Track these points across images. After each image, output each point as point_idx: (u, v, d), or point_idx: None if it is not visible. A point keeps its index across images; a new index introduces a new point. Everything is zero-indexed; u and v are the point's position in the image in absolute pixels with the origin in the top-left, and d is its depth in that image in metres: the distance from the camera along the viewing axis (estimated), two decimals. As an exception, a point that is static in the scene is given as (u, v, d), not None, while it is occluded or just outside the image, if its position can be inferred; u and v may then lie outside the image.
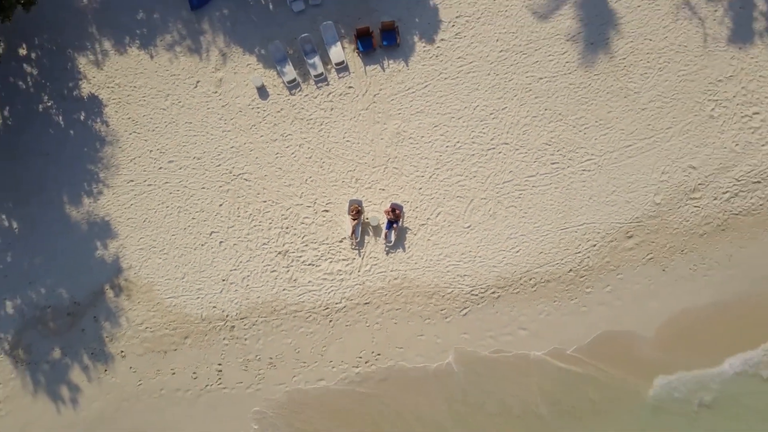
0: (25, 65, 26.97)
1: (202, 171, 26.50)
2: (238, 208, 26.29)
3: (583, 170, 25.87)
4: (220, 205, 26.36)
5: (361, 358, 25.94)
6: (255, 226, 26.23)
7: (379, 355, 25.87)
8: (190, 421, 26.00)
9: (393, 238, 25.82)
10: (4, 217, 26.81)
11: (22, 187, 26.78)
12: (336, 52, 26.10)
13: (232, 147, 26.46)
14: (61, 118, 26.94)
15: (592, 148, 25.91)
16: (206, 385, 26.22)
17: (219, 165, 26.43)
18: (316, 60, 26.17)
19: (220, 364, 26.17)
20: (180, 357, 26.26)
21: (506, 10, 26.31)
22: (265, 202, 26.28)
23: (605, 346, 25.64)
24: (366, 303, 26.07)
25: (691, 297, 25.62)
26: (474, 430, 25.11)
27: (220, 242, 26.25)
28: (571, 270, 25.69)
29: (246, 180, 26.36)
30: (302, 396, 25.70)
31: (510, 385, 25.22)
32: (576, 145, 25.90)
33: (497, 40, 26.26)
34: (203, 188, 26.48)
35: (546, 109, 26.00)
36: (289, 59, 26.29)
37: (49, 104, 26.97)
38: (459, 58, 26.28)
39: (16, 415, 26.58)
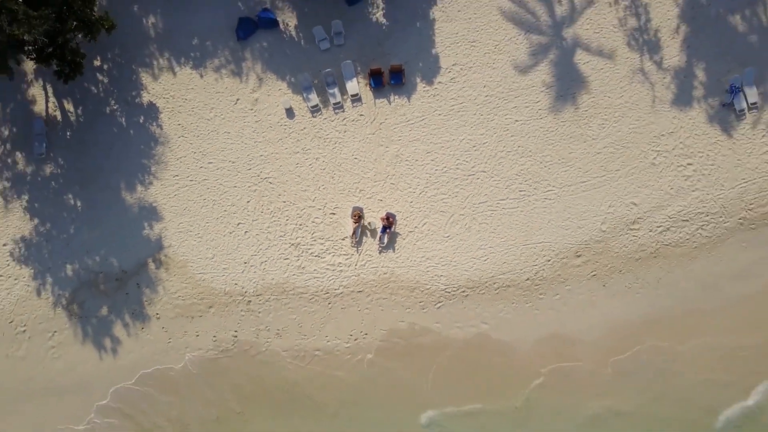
0: (98, 74, 32.92)
1: (235, 173, 32.42)
2: (262, 205, 32.19)
3: (545, 198, 31.73)
4: (248, 201, 32.26)
5: (351, 335, 31.83)
6: (274, 221, 32.14)
7: (366, 334, 31.76)
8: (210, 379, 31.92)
9: (386, 240, 31.68)
10: (71, 196, 32.75)
11: (87, 174, 32.71)
12: (352, 86, 32.04)
13: (261, 155, 32.37)
14: (123, 119, 32.89)
15: (554, 181, 31.77)
16: (223, 349, 32.11)
17: (249, 169, 32.33)
18: (336, 91, 32.09)
19: (236, 331, 32.06)
20: (204, 323, 32.15)
21: (493, 63, 32.17)
22: (284, 202, 32.18)
23: (552, 344, 31.54)
24: (359, 291, 31.96)
25: (625, 309, 31.49)
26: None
27: (245, 231, 32.15)
28: (528, 279, 31.55)
29: (270, 183, 32.26)
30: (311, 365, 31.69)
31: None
32: (541, 177, 31.76)
33: (484, 87, 32.13)
34: (235, 187, 32.39)
35: (519, 146, 31.88)
36: (313, 88, 32.22)
37: (115, 107, 32.92)
38: (452, 99, 32.18)
39: (67, 358, 32.52)
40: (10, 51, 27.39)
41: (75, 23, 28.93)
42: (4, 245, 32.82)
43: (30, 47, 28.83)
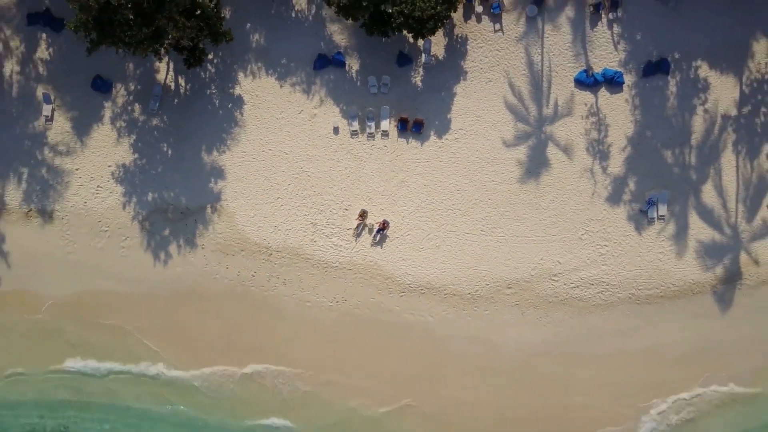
0: (209, 65, 45.03)
1: (285, 162, 44.48)
2: (298, 190, 44.23)
3: (497, 241, 43.66)
4: (289, 184, 44.30)
5: (335, 298, 43.85)
6: (304, 203, 44.16)
7: (345, 300, 43.79)
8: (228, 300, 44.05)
9: (378, 239, 43.66)
10: (165, 145, 44.93)
11: (182, 133, 44.83)
12: (384, 124, 44.10)
13: (307, 154, 44.43)
14: (217, 102, 45.03)
15: (507, 230, 43.67)
16: (242, 282, 44.18)
17: (296, 162, 44.38)
18: (372, 124, 44.14)
19: (255, 273, 44.10)
20: (234, 260, 44.22)
21: (488, 135, 44.07)
22: (314, 192, 44.20)
23: (476, 344, 43.36)
24: (349, 269, 43.95)
25: (533, 335, 43.33)
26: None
27: (281, 205, 44.21)
28: (469, 293, 43.51)
29: (308, 176, 44.29)
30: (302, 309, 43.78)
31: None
32: (498, 225, 43.69)
33: (477, 150, 44.06)
34: (282, 171, 44.44)
35: (489, 199, 43.84)
36: (357, 118, 44.25)
37: (214, 92, 45.07)
38: (452, 152, 44.15)
39: (131, 258, 44.69)
40: (159, 42, 39.53)
41: (208, 33, 41.12)
42: (109, 166, 45.03)
43: (172, 42, 40.89)
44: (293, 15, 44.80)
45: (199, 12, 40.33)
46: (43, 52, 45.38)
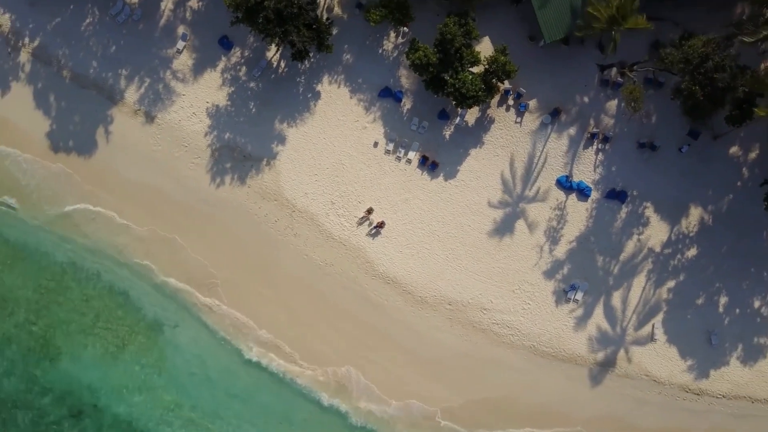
0: (306, 62, 59.33)
1: (331, 152, 58.65)
2: (332, 175, 58.51)
3: (455, 268, 57.91)
4: (327, 168, 58.57)
5: (325, 261, 58.28)
6: (331, 186, 58.49)
7: (332, 265, 58.19)
8: (250, 231, 58.63)
9: (373, 232, 58.07)
10: (252, 105, 59.29)
11: (267, 101, 59.13)
12: (411, 155, 58.49)
13: (348, 153, 58.78)
14: (301, 89, 59.44)
15: (465, 263, 57.87)
16: (266, 222, 58.56)
17: (339, 155, 58.69)
18: (402, 151, 58.48)
19: (278, 219, 58.53)
20: (267, 205, 58.64)
21: (480, 193, 58.20)
22: (342, 181, 58.49)
23: (408, 335, 57.80)
24: (343, 245, 58.38)
25: (454, 343, 57.56)
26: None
27: (315, 180, 58.59)
28: (420, 296, 57.87)
29: (343, 168, 58.54)
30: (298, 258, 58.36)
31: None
32: (461, 257, 57.93)
33: (468, 200, 58.29)
34: (326, 157, 58.67)
35: (461, 237, 58.06)
36: (394, 142, 58.61)
37: (302, 81, 59.47)
38: (450, 193, 58.43)
39: (194, 173, 59.08)
40: (282, 38, 54.00)
41: (317, 42, 55.62)
42: (207, 102, 59.48)
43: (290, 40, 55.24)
44: (380, 51, 59.28)
45: (315, 26, 54.86)
46: (194, 2, 59.98)
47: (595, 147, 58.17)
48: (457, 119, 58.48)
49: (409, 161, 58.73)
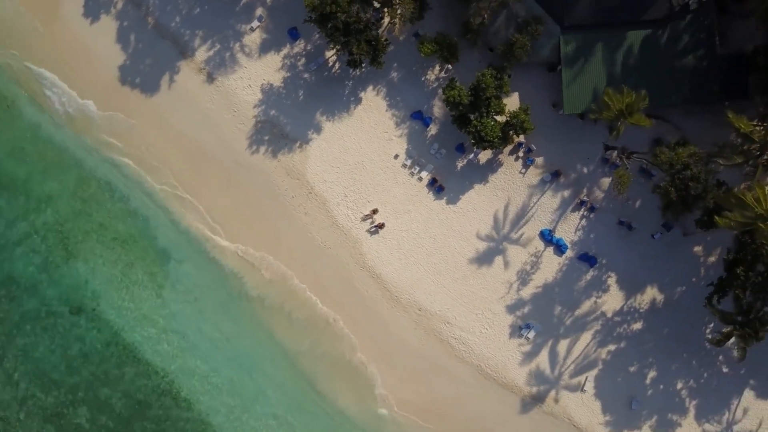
0: (357, 70, 67.09)
1: (356, 152, 66.61)
2: (352, 171, 66.48)
3: (432, 281, 65.80)
4: (349, 165, 66.50)
5: (323, 242, 66.28)
6: (350, 180, 66.40)
7: (330, 248, 66.20)
8: (268, 196, 66.63)
9: (372, 231, 65.99)
10: (301, 93, 67.25)
11: (315, 93, 67.09)
12: (423, 174, 66.33)
13: (371, 158, 66.57)
14: (346, 92, 67.22)
15: (442, 279, 65.73)
16: (284, 195, 66.53)
17: (362, 157, 66.51)
18: (417, 169, 66.29)
19: (294, 196, 66.53)
20: (290, 181, 66.67)
21: (471, 222, 66.16)
22: (358, 179, 66.36)
23: (380, 328, 65.83)
24: (344, 234, 66.37)
25: (412, 342, 65.52)
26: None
27: (337, 172, 66.48)
28: (394, 296, 65.76)
29: (363, 169, 66.43)
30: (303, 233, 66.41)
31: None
32: (440, 272, 65.79)
33: (460, 226, 66.10)
34: (351, 155, 66.55)
35: (446, 256, 65.91)
36: (412, 159, 66.44)
37: (349, 85, 67.25)
38: (446, 216, 66.24)
39: (237, 135, 67.11)
40: (344, 46, 61.91)
41: (371, 56, 63.49)
42: (263, 79, 67.35)
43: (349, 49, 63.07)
44: (422, 78, 67.14)
45: (374, 43, 62.77)
46: (277, -8, 68.15)
47: (581, 213, 65.93)
48: (471, 155, 66.32)
49: (420, 179, 66.61)
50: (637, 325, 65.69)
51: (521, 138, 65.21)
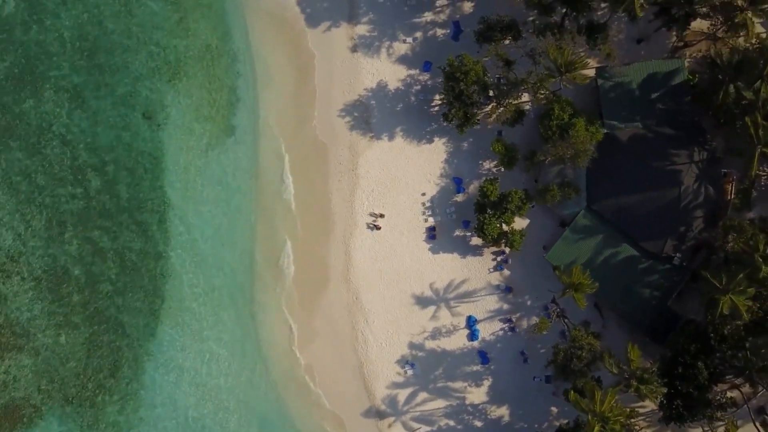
0: (447, 122, 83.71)
1: (401, 171, 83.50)
2: (385, 180, 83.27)
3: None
4: (387, 175, 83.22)
5: (334, 209, 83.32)
6: (382, 184, 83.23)
7: (335, 215, 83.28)
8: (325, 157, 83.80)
9: (372, 228, 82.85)
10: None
11: (409, 116, 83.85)
12: (431, 220, 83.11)
13: (407, 182, 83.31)
14: (428, 129, 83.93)
15: (389, 294, 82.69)
16: (335, 158, 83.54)
17: (403, 177, 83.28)
18: (429, 213, 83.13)
19: (341, 163, 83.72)
20: (346, 153, 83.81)
21: (433, 275, 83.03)
22: (385, 188, 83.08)
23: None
24: (351, 213, 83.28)
25: (340, 331, 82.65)
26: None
27: (379, 172, 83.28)
28: (349, 278, 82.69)
29: (397, 184, 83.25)
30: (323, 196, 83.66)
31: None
32: (390, 290, 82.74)
33: (426, 270, 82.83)
34: (392, 168, 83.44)
35: (403, 281, 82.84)
36: (431, 204, 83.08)
37: (433, 125, 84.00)
38: (421, 257, 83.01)
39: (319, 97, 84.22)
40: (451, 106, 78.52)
41: (459, 123, 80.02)
42: (385, 76, 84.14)
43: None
44: (480, 161, 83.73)
45: (469, 116, 79.33)
46: (438, 32, 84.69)
47: (504, 326, 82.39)
48: (469, 233, 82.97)
49: (426, 220, 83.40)
50: (478, 423, 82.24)
51: (506, 249, 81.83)
